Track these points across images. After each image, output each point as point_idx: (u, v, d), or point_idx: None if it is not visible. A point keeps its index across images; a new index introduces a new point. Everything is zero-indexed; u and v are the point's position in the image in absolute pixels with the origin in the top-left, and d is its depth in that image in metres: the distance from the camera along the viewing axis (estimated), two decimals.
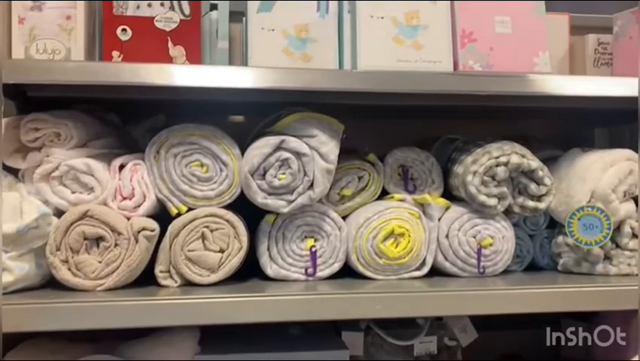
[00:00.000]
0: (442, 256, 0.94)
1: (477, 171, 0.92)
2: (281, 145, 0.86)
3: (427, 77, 0.88)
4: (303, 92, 0.87)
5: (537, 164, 0.93)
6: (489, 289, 0.84)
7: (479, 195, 0.92)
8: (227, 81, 0.83)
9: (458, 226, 0.94)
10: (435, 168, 0.99)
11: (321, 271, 0.91)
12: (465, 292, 0.84)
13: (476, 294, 0.84)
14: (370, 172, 0.96)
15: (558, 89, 0.91)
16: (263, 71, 0.84)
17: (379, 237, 0.90)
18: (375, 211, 0.92)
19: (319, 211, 0.91)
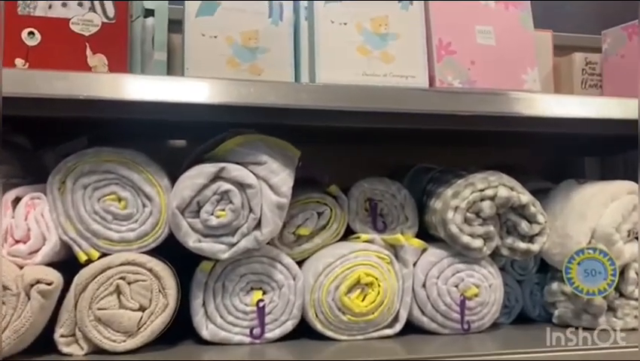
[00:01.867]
0: (418, 310, 0.78)
1: (459, 207, 0.77)
2: (221, 174, 0.69)
3: (398, 93, 0.73)
4: (253, 110, 0.70)
5: (529, 198, 0.78)
6: (478, 354, 0.68)
7: (461, 235, 0.76)
8: (153, 93, 0.66)
9: (437, 272, 0.78)
10: (408, 203, 0.83)
11: (270, 332, 0.73)
12: (449, 359, 0.67)
13: None
14: (331, 207, 0.80)
15: (552, 111, 0.77)
16: (197, 83, 0.68)
17: (343, 288, 0.73)
18: (337, 255, 0.75)
19: (269, 256, 0.74)
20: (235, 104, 0.68)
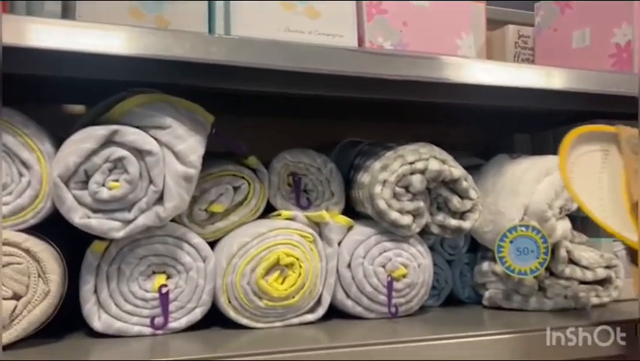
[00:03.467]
0: (343, 293, 0.71)
1: (388, 181, 0.70)
2: (114, 138, 0.59)
3: (323, 52, 0.65)
4: (155, 64, 0.60)
5: (461, 172, 0.73)
6: (406, 340, 0.62)
7: (390, 211, 0.70)
8: (32, 38, 0.55)
9: (364, 251, 0.71)
10: (335, 177, 0.76)
11: (175, 321, 0.64)
12: (375, 347, 0.61)
13: (389, 348, 0.61)
14: (250, 181, 0.71)
15: (485, 78, 0.72)
16: (88, 29, 0.57)
17: (260, 270, 0.66)
18: (255, 234, 0.67)
19: (174, 236, 0.64)
20: (134, 56, 0.58)
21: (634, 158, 0.68)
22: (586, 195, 0.66)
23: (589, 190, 0.67)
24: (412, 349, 0.62)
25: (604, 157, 0.70)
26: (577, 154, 0.69)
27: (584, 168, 0.68)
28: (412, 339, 0.63)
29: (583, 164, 0.69)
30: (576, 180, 0.67)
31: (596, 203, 0.66)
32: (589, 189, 0.67)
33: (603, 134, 0.71)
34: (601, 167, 0.69)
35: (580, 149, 0.69)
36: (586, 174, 0.68)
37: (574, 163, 0.68)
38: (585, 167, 0.68)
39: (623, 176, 0.68)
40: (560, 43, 0.94)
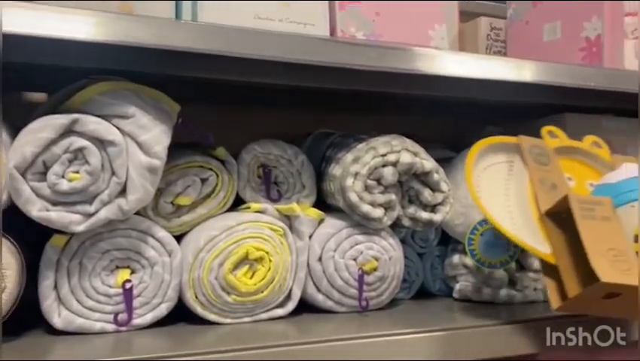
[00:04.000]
0: (313, 287, 0.70)
1: (359, 173, 0.69)
2: (74, 127, 0.56)
3: (294, 41, 0.63)
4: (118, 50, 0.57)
5: (432, 165, 0.73)
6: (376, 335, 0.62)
7: (361, 203, 0.69)
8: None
9: (335, 245, 0.70)
10: (306, 169, 0.75)
11: (140, 317, 0.62)
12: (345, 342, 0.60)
13: (360, 343, 0.61)
14: (218, 173, 0.69)
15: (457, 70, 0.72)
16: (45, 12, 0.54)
17: (228, 264, 0.64)
18: (223, 228, 0.65)
19: (138, 229, 0.62)
20: (98, 42, 0.55)
21: (538, 168, 0.68)
22: (496, 208, 0.65)
23: (497, 203, 0.67)
24: (382, 344, 0.62)
25: (509, 168, 0.70)
26: (484, 166, 0.69)
27: (491, 180, 0.68)
28: (382, 333, 0.62)
29: (490, 176, 0.69)
30: (484, 192, 0.66)
31: (506, 216, 0.65)
32: (497, 202, 0.67)
33: (507, 145, 0.71)
34: (507, 178, 0.69)
35: (486, 161, 0.69)
36: (493, 186, 0.68)
37: (480, 176, 0.68)
38: (492, 179, 0.68)
39: (529, 186, 0.67)
40: (532, 36, 0.94)
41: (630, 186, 0.64)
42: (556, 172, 0.69)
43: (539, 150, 0.70)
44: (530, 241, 0.63)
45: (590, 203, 0.62)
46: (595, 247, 0.57)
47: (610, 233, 0.59)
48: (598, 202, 0.62)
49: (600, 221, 0.60)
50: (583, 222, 0.59)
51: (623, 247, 0.58)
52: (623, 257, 0.57)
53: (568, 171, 0.72)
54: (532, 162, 0.68)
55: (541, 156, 0.69)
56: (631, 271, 0.56)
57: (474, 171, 0.68)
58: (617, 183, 0.66)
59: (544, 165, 0.69)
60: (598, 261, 0.56)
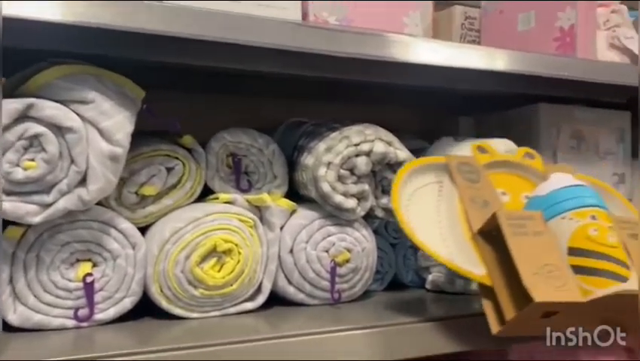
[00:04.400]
0: (284, 279, 0.69)
1: (332, 163, 0.68)
2: (29, 112, 0.53)
3: (265, 25, 0.61)
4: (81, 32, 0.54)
5: (406, 155, 0.71)
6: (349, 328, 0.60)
7: (334, 194, 0.68)
8: None
9: (307, 236, 0.68)
10: (277, 159, 0.73)
11: (102, 312, 0.59)
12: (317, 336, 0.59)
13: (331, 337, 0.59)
14: (184, 162, 0.67)
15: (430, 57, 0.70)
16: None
17: (195, 257, 0.62)
18: (189, 219, 0.63)
19: (100, 220, 0.59)
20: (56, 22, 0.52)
21: (468, 186, 0.66)
22: (428, 233, 0.62)
23: (430, 226, 0.63)
24: (355, 337, 0.60)
25: (439, 189, 0.67)
26: (413, 188, 0.66)
27: (422, 203, 0.65)
28: (355, 326, 0.61)
29: (419, 199, 0.65)
30: (415, 217, 0.63)
31: (439, 239, 0.62)
32: (429, 225, 0.63)
33: (435, 165, 0.68)
34: (438, 199, 0.66)
35: (415, 183, 0.66)
36: (424, 209, 0.65)
37: (410, 200, 0.64)
38: (422, 202, 0.65)
39: (460, 206, 0.65)
40: (506, 26, 0.93)
41: (560, 197, 0.61)
42: (487, 189, 0.66)
43: (468, 167, 0.67)
44: (464, 264, 0.60)
45: (521, 218, 0.59)
46: (528, 264, 0.55)
47: (543, 248, 0.57)
48: (529, 217, 0.60)
49: (532, 236, 0.58)
50: (513, 240, 0.57)
51: (557, 262, 0.56)
52: (557, 272, 0.55)
53: (502, 186, 0.69)
54: (462, 180, 0.66)
55: (471, 174, 0.67)
56: (566, 287, 0.54)
57: (403, 197, 0.64)
58: (548, 195, 0.63)
59: (474, 182, 0.67)
60: (531, 280, 0.54)
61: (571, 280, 0.55)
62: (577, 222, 0.59)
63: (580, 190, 0.62)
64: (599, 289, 0.55)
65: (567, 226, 0.59)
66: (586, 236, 0.57)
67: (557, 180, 0.64)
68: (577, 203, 0.60)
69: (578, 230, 0.58)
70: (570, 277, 0.56)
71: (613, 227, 0.59)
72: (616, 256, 0.57)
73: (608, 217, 0.60)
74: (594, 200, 0.61)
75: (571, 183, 0.63)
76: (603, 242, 0.57)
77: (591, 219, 0.59)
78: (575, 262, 0.57)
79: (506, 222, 0.58)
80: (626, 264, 0.56)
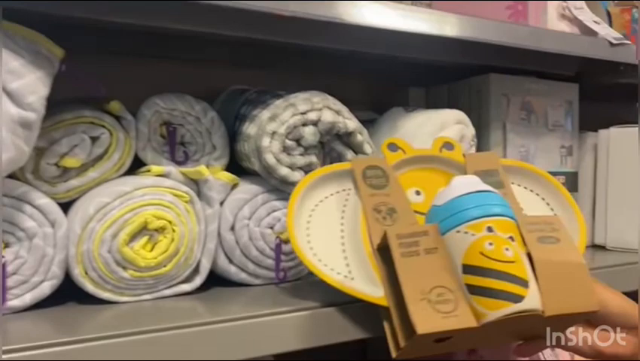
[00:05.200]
0: (225, 258, 0.64)
1: (277, 132, 0.62)
2: None
3: None
4: None
5: (356, 125, 0.67)
6: (295, 309, 0.56)
7: (279, 166, 0.63)
8: None
9: (249, 212, 0.64)
10: (217, 128, 0.67)
11: (17, 298, 0.53)
12: (261, 319, 0.54)
13: (276, 319, 0.55)
14: (112, 130, 0.60)
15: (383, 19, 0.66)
16: None
17: (123, 235, 0.56)
18: (117, 194, 0.57)
19: (12, 195, 0.52)
20: None
21: (373, 193, 0.59)
22: (328, 249, 0.57)
23: (331, 242, 0.58)
24: (302, 318, 0.56)
25: (346, 197, 0.60)
26: (314, 203, 0.59)
27: (327, 214, 0.59)
28: (301, 307, 0.57)
29: (325, 210, 0.59)
30: (316, 234, 0.57)
31: (339, 257, 0.57)
32: (331, 240, 0.58)
33: (340, 172, 0.61)
34: (343, 211, 0.60)
35: (318, 195, 0.60)
36: (328, 221, 0.59)
37: (312, 215, 0.59)
38: (327, 213, 0.59)
39: (362, 217, 0.59)
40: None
41: (457, 207, 0.53)
42: (395, 194, 0.60)
43: (375, 170, 0.61)
44: (363, 284, 0.55)
45: (413, 236, 0.53)
46: (416, 289, 0.50)
47: (434, 268, 0.51)
48: (422, 233, 0.53)
49: (424, 256, 0.52)
50: (402, 262, 0.51)
51: (449, 283, 0.51)
52: (448, 295, 0.50)
53: (417, 184, 0.63)
54: (366, 187, 0.59)
55: (378, 178, 0.60)
56: (456, 312, 0.50)
57: (302, 211, 0.58)
58: (444, 205, 0.55)
59: (381, 187, 0.60)
60: (416, 307, 0.49)
61: (462, 304, 0.50)
62: (473, 235, 0.51)
63: (480, 198, 0.54)
64: (492, 311, 0.49)
65: (462, 241, 0.52)
66: (480, 251, 0.51)
67: (456, 187, 0.55)
68: (473, 214, 0.52)
69: (473, 245, 0.51)
70: (462, 300, 0.50)
71: (515, 237, 0.53)
72: (512, 272, 0.50)
73: (509, 226, 0.53)
74: (495, 208, 0.53)
75: (470, 190, 0.54)
76: (498, 257, 0.50)
77: (487, 231, 0.51)
78: (470, 281, 0.51)
79: (395, 243, 0.52)
80: (523, 280, 0.50)
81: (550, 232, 0.55)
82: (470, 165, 0.64)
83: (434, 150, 0.65)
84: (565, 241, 0.55)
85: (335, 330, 0.57)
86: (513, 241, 0.52)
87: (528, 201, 0.64)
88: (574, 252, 0.55)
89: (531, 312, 0.50)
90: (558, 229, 0.55)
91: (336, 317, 0.57)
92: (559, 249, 0.54)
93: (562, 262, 0.53)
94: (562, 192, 0.67)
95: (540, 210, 0.65)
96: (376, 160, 0.62)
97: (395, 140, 0.65)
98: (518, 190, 0.65)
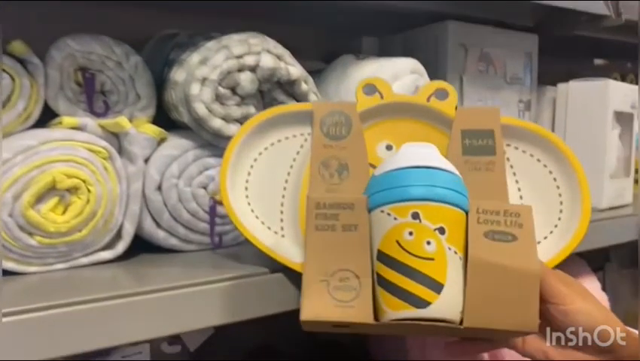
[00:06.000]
0: (152, 222, 0.57)
1: (208, 78, 0.55)
2: None
3: None
4: None
5: (300, 72, 0.60)
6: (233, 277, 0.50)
7: (211, 117, 0.56)
8: None
9: (179, 170, 0.56)
10: (142, 75, 0.59)
11: None
12: (193, 288, 0.48)
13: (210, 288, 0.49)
14: (14, 76, 0.51)
15: None
16: None
17: (27, 196, 0.48)
18: (19, 149, 0.49)
19: None
20: None
21: (326, 144, 0.51)
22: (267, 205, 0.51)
23: (271, 196, 0.52)
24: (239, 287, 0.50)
25: (300, 145, 0.53)
26: (263, 146, 0.53)
27: (275, 162, 0.53)
28: (238, 275, 0.51)
29: (275, 156, 0.53)
30: (257, 183, 0.52)
31: (276, 215, 0.51)
32: (271, 195, 0.52)
33: (298, 114, 0.53)
34: (293, 160, 0.53)
35: (274, 134, 0.53)
36: (275, 171, 0.52)
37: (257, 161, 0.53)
38: (276, 160, 0.53)
39: (307, 169, 0.51)
40: None
41: (389, 182, 0.45)
42: (355, 147, 0.51)
43: (338, 117, 0.52)
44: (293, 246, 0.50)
45: (335, 207, 0.46)
46: (319, 268, 0.44)
47: (347, 248, 0.45)
48: (347, 205, 0.46)
49: (340, 233, 0.45)
50: (314, 236, 0.45)
51: (358, 268, 0.44)
52: (352, 281, 0.44)
53: (391, 138, 0.54)
54: (320, 135, 0.51)
55: (337, 126, 0.52)
56: (355, 302, 0.44)
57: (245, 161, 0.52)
58: (381, 176, 0.46)
59: (338, 138, 0.51)
60: (310, 290, 0.44)
61: (365, 294, 0.44)
62: (395, 220, 0.44)
63: (420, 175, 0.45)
64: (392, 311, 0.43)
65: (383, 223, 0.45)
66: (397, 240, 0.44)
67: (400, 156, 0.47)
68: (401, 194, 0.44)
69: (391, 231, 0.44)
70: (366, 290, 0.44)
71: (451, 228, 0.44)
72: (425, 271, 0.43)
73: (443, 214, 0.44)
74: (432, 191, 0.44)
75: (411, 164, 0.45)
76: (414, 251, 0.43)
77: (411, 218, 0.44)
78: (380, 271, 0.44)
79: (312, 213, 0.46)
80: (437, 283, 0.43)
81: (508, 226, 0.45)
82: (460, 121, 0.52)
83: (421, 97, 0.54)
84: (525, 240, 0.45)
85: (279, 299, 0.52)
86: (442, 233, 0.43)
87: (525, 170, 0.54)
88: (529, 257, 0.44)
89: (434, 321, 0.43)
90: (522, 223, 0.45)
91: (280, 284, 0.52)
92: (510, 250, 0.44)
93: (507, 268, 0.44)
94: (570, 161, 0.53)
95: (538, 181, 0.54)
96: (341, 105, 0.53)
97: (374, 80, 0.55)
98: (516, 155, 0.54)
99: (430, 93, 0.54)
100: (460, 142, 0.52)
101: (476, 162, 0.51)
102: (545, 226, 0.52)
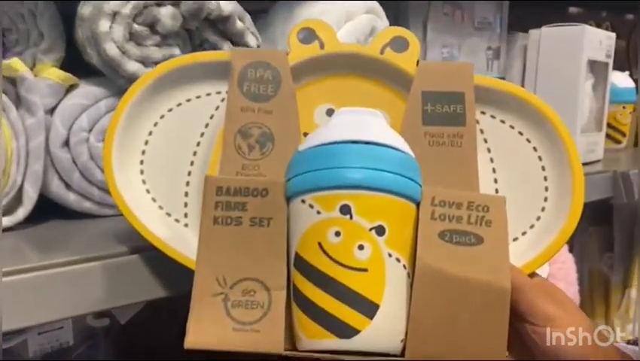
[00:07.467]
0: (60, 183, 0.49)
1: (120, 13, 0.46)
2: None
3: None
4: None
5: (234, 8, 0.52)
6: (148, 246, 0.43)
7: (124, 60, 0.47)
8: None
9: (89, 123, 0.48)
10: (45, 11, 0.50)
11: None
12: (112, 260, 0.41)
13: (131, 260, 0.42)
14: None
15: None
16: None
17: None
18: None
19: None
20: None
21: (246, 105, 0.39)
22: (167, 186, 0.41)
23: (174, 174, 0.41)
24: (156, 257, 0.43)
25: (215, 107, 0.42)
26: (165, 109, 0.42)
27: (183, 126, 0.41)
28: None
29: (171, 127, 0.41)
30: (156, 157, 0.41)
31: (179, 198, 0.41)
32: (174, 172, 0.41)
33: (210, 65, 0.41)
34: (204, 127, 0.42)
35: (172, 98, 0.42)
36: (174, 143, 0.41)
37: (157, 127, 0.41)
38: (184, 125, 0.41)
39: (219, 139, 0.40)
40: None
41: (314, 162, 0.34)
42: (283, 111, 0.39)
43: (263, 70, 0.40)
44: None
45: (242, 193, 0.34)
46: (212, 278, 0.34)
47: (255, 250, 0.34)
48: (260, 190, 0.34)
49: (247, 228, 0.34)
50: (210, 232, 0.34)
51: (267, 277, 0.34)
52: (260, 295, 0.33)
53: (334, 99, 0.41)
54: (238, 95, 0.39)
55: (262, 84, 0.39)
56: (259, 324, 0.33)
57: (139, 127, 0.41)
58: (304, 153, 0.35)
59: (263, 99, 0.39)
60: (200, 306, 0.33)
61: (275, 314, 0.33)
62: (319, 214, 0.33)
63: (354, 153, 0.33)
64: (308, 340, 0.33)
65: (304, 218, 0.34)
66: (319, 242, 0.32)
67: (334, 125, 0.35)
68: (327, 179, 0.33)
69: (312, 229, 0.33)
70: (279, 306, 0.33)
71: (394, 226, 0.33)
72: (354, 288, 0.32)
73: (384, 207, 0.33)
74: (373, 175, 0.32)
75: (344, 137, 0.34)
76: (342, 259, 0.32)
77: (339, 212, 0.32)
78: (299, 284, 0.33)
79: (212, 200, 0.34)
80: (371, 304, 0.32)
81: (472, 224, 0.34)
82: (422, 80, 0.40)
83: (373, 47, 0.41)
84: (494, 244, 0.34)
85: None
86: (381, 234, 0.32)
87: (503, 146, 0.41)
88: (497, 267, 0.33)
89: (364, 355, 0.32)
90: (490, 220, 0.34)
91: None
92: (472, 256, 0.33)
93: (468, 281, 0.33)
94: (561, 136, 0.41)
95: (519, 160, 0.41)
96: (268, 54, 0.41)
97: (313, 22, 0.42)
98: (492, 126, 0.41)
99: (385, 43, 0.41)
100: (420, 107, 0.39)
101: (440, 135, 0.39)
102: (524, 218, 0.41)
